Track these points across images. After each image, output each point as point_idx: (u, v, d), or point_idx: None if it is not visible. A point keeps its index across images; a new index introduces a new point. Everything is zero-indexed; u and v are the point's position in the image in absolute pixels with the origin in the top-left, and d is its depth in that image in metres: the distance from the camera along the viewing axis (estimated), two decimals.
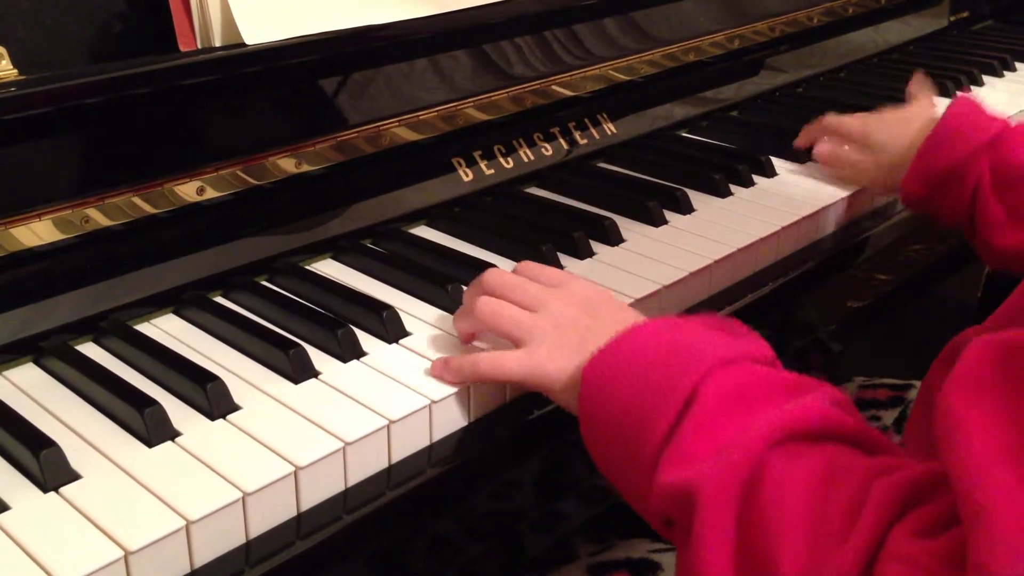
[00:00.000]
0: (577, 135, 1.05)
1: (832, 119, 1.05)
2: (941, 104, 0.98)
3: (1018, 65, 1.44)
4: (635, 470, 0.57)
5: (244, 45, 0.78)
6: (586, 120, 1.07)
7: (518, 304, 0.68)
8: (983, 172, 0.86)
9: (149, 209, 0.75)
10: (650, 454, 0.55)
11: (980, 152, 0.86)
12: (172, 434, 0.62)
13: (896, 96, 1.24)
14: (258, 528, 0.58)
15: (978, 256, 0.92)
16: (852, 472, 0.51)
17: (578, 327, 0.65)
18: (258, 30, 0.78)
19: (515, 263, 0.83)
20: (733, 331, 0.62)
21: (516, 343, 0.67)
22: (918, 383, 0.95)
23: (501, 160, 0.99)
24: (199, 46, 0.78)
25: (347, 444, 0.62)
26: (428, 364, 0.70)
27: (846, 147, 1.01)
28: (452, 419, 0.68)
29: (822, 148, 1.02)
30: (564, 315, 0.66)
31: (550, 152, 1.03)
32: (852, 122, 1.02)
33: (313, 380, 0.68)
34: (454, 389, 0.67)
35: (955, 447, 0.44)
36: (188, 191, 0.77)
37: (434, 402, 0.66)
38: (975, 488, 0.42)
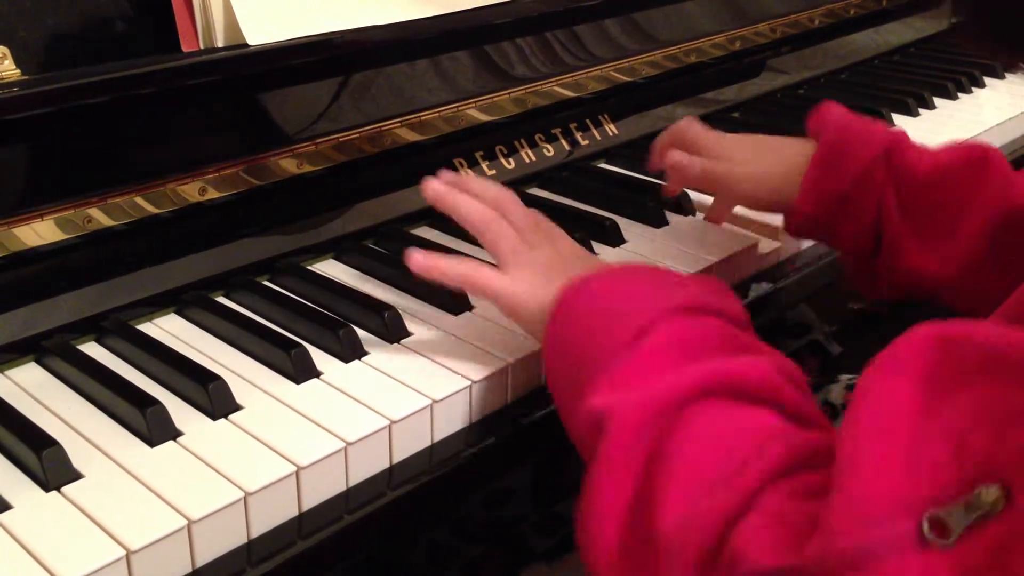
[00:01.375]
0: (578, 136, 1.06)
1: (685, 128, 0.91)
2: None
3: (1020, 67, 1.44)
4: (575, 393, 0.57)
5: (246, 46, 0.78)
6: (587, 121, 1.07)
7: (519, 230, 0.71)
8: (883, 188, 0.78)
9: (151, 209, 0.76)
10: (587, 379, 0.55)
11: (875, 166, 0.78)
12: (174, 434, 0.62)
13: (897, 97, 1.25)
14: (259, 528, 0.59)
15: (862, 289, 0.84)
16: (761, 433, 0.50)
17: (556, 270, 0.67)
18: (260, 31, 0.78)
19: None
20: (709, 286, 0.62)
21: (502, 264, 0.69)
22: None
23: (503, 161, 0.99)
24: (202, 46, 0.79)
25: (348, 444, 0.62)
26: (430, 364, 0.70)
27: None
28: (454, 419, 0.68)
29: (674, 156, 0.87)
30: (547, 258, 0.69)
31: (551, 153, 1.03)
32: (707, 134, 0.90)
33: (315, 380, 0.69)
34: (456, 389, 0.67)
35: (858, 412, 0.43)
36: (190, 191, 0.77)
37: (435, 402, 0.66)
38: (852, 451, 0.42)
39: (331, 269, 0.85)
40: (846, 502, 0.41)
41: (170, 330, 0.76)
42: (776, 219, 0.89)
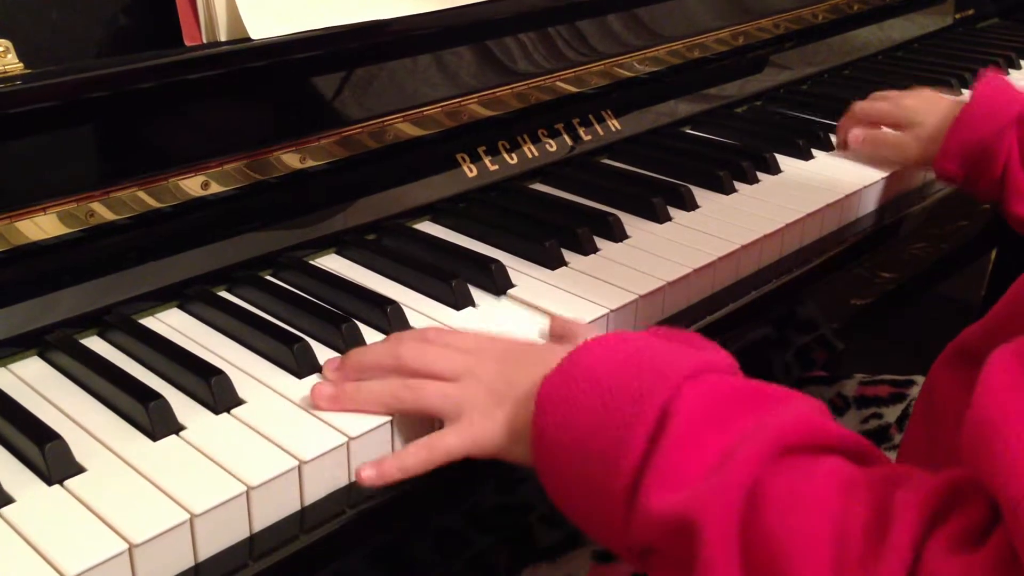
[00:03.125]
0: (581, 131, 1.05)
1: (861, 106, 1.08)
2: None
3: (1023, 63, 1.44)
4: (605, 499, 0.52)
5: (249, 40, 0.78)
6: (590, 116, 1.07)
7: (438, 377, 0.62)
8: (1012, 146, 0.90)
9: (154, 203, 0.76)
10: (624, 480, 0.51)
11: (1008, 127, 0.90)
12: (176, 428, 0.62)
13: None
14: (262, 522, 0.59)
15: (1015, 228, 0.96)
16: (860, 486, 0.48)
17: (508, 381, 0.60)
18: (263, 25, 0.78)
19: (521, 259, 0.84)
20: (692, 343, 0.59)
21: (446, 419, 0.62)
22: (920, 379, 0.95)
23: (505, 156, 0.99)
24: (204, 40, 0.78)
25: (351, 439, 0.62)
26: None
27: (883, 128, 1.05)
28: None
29: (857, 133, 1.05)
30: (488, 376, 0.61)
31: (554, 148, 1.03)
32: (883, 105, 1.05)
33: (317, 374, 0.68)
34: None
35: (991, 449, 0.42)
36: (193, 185, 0.77)
37: None
38: (1011, 482, 0.41)
39: (333, 264, 0.85)
40: None
41: (172, 324, 0.76)
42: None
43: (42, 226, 0.70)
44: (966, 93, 1.31)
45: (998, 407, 0.43)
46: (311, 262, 0.84)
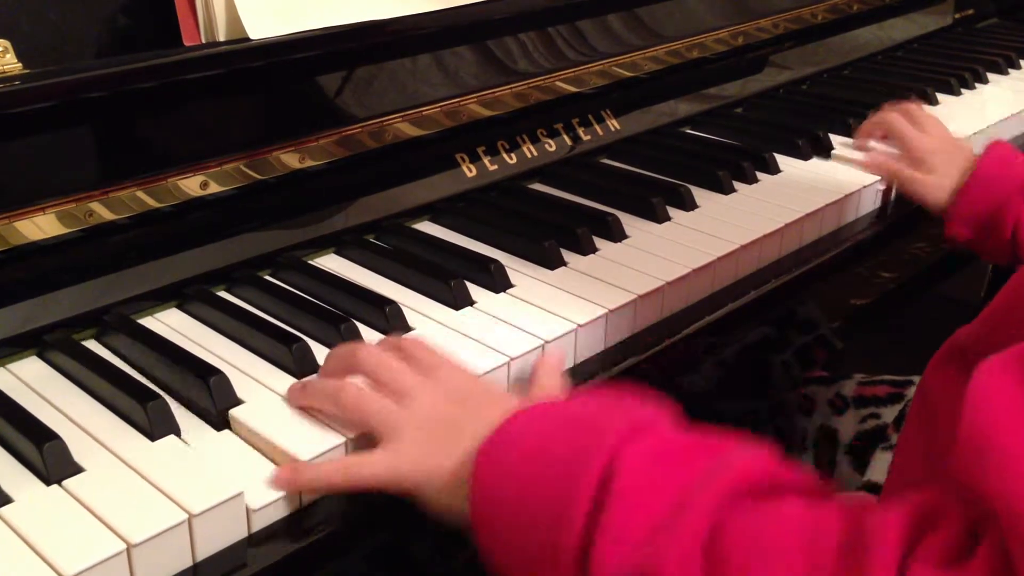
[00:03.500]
0: (580, 131, 1.05)
1: (892, 121, 1.06)
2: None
3: (1023, 63, 1.44)
4: (551, 565, 0.51)
5: (248, 40, 0.78)
6: (590, 116, 1.07)
7: (386, 388, 0.61)
8: (1020, 211, 0.91)
9: (153, 203, 0.76)
10: (571, 543, 0.49)
11: (1014, 194, 0.91)
12: (175, 428, 0.62)
13: (900, 93, 1.24)
14: (261, 521, 0.58)
15: None
16: (823, 517, 0.47)
17: (448, 422, 0.59)
18: (262, 25, 0.78)
19: (520, 259, 0.84)
20: (627, 400, 0.57)
21: (378, 438, 0.60)
22: (919, 379, 0.95)
23: (505, 156, 0.99)
24: (203, 41, 0.78)
25: (350, 439, 0.62)
26: None
27: (899, 160, 1.03)
28: None
29: (878, 159, 1.05)
30: (433, 408, 0.59)
31: (553, 148, 1.03)
32: (912, 135, 1.03)
33: (316, 375, 0.68)
34: None
35: (987, 460, 0.42)
36: (192, 185, 0.77)
37: None
38: (1013, 496, 0.41)
39: (333, 264, 0.85)
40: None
41: (171, 324, 0.76)
42: None
43: (41, 226, 0.71)
44: (966, 94, 1.31)
45: (995, 419, 0.43)
46: (310, 262, 0.84)
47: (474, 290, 0.79)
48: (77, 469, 0.59)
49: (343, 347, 0.66)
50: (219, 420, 0.64)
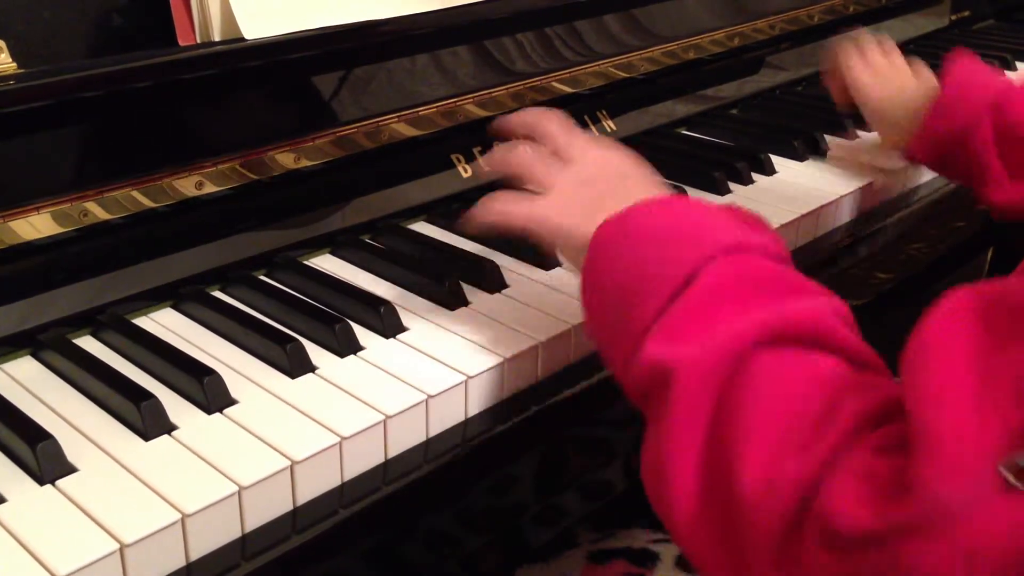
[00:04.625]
0: None
1: (843, 62, 1.05)
2: None
3: (1019, 64, 1.44)
4: (622, 338, 0.56)
5: (243, 40, 0.78)
6: (586, 117, 1.07)
7: (552, 149, 0.70)
8: (986, 131, 0.89)
9: (148, 203, 0.76)
10: (639, 325, 0.55)
11: (983, 114, 0.89)
12: (168, 428, 0.62)
13: None
14: (254, 522, 0.59)
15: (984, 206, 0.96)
16: (830, 384, 0.50)
17: (599, 189, 0.65)
18: (257, 25, 0.78)
19: (515, 260, 0.84)
20: (749, 222, 0.61)
21: (540, 186, 0.68)
22: None
23: None
24: (198, 40, 0.78)
25: (343, 439, 0.62)
26: (425, 360, 0.70)
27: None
28: (449, 414, 0.68)
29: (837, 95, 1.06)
30: (589, 174, 0.67)
31: None
32: (854, 76, 1.04)
33: (310, 375, 0.69)
34: (451, 384, 0.67)
35: (918, 375, 0.45)
36: (187, 185, 0.77)
37: (431, 397, 0.66)
38: (927, 411, 0.43)
39: (328, 264, 0.85)
40: (928, 461, 0.42)
41: (166, 324, 0.76)
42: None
43: (36, 225, 0.70)
44: None
45: (935, 340, 0.46)
46: (305, 262, 0.84)
47: (469, 291, 0.79)
48: (71, 469, 0.59)
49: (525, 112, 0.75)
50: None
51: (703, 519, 0.50)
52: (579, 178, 0.67)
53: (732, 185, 1.01)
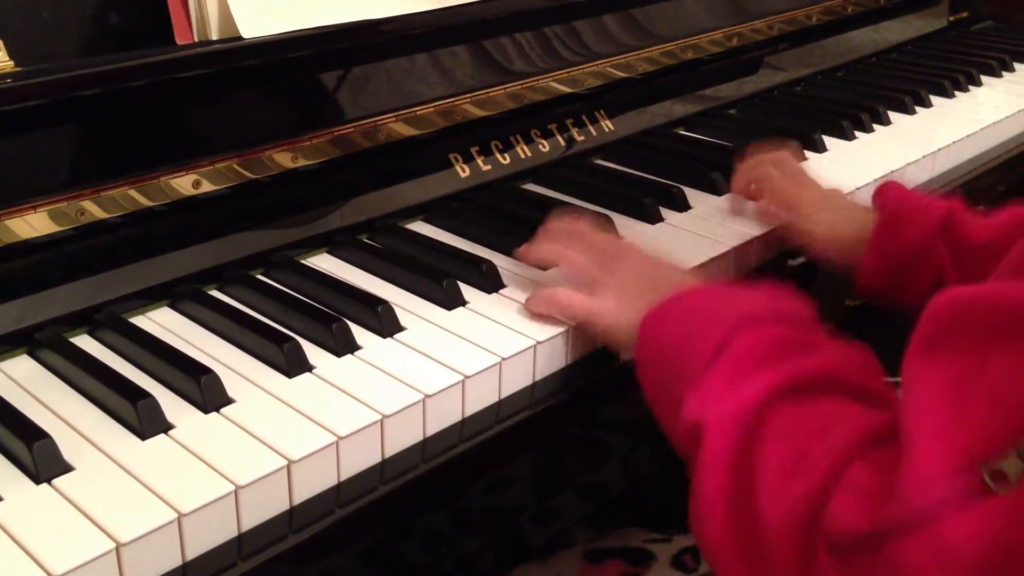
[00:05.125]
0: (575, 132, 1.05)
1: (760, 175, 0.95)
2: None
3: (1016, 66, 1.44)
4: (671, 407, 0.63)
5: (241, 39, 0.78)
6: (584, 117, 1.07)
7: (593, 258, 0.77)
8: (942, 258, 0.83)
9: (145, 202, 0.75)
10: (681, 393, 0.61)
11: (933, 238, 0.84)
12: (165, 427, 0.62)
13: (894, 95, 1.25)
14: (250, 521, 0.59)
15: None
16: (832, 417, 0.55)
17: (641, 289, 0.72)
18: (255, 24, 0.78)
19: (511, 259, 0.84)
20: (775, 295, 0.67)
21: (590, 290, 0.75)
22: None
23: (498, 156, 0.99)
24: (196, 39, 0.78)
25: (340, 438, 0.62)
26: (422, 359, 0.70)
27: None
28: (446, 413, 0.68)
29: (763, 212, 0.93)
30: (630, 279, 0.74)
31: (547, 149, 1.03)
32: (784, 189, 0.93)
33: (307, 374, 0.68)
34: (448, 384, 0.67)
35: (906, 396, 0.49)
36: (184, 184, 0.77)
37: (428, 396, 0.66)
38: (912, 427, 0.47)
39: (325, 263, 0.85)
40: (913, 470, 0.46)
41: (163, 323, 0.75)
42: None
43: (33, 224, 0.70)
44: (960, 96, 1.31)
45: (914, 356, 0.50)
46: (303, 261, 0.84)
47: (466, 290, 0.79)
48: (67, 468, 0.59)
49: (565, 220, 0.82)
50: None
51: (736, 547, 0.55)
52: (625, 281, 0.74)
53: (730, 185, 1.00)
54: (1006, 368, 0.46)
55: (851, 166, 1.06)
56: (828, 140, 1.13)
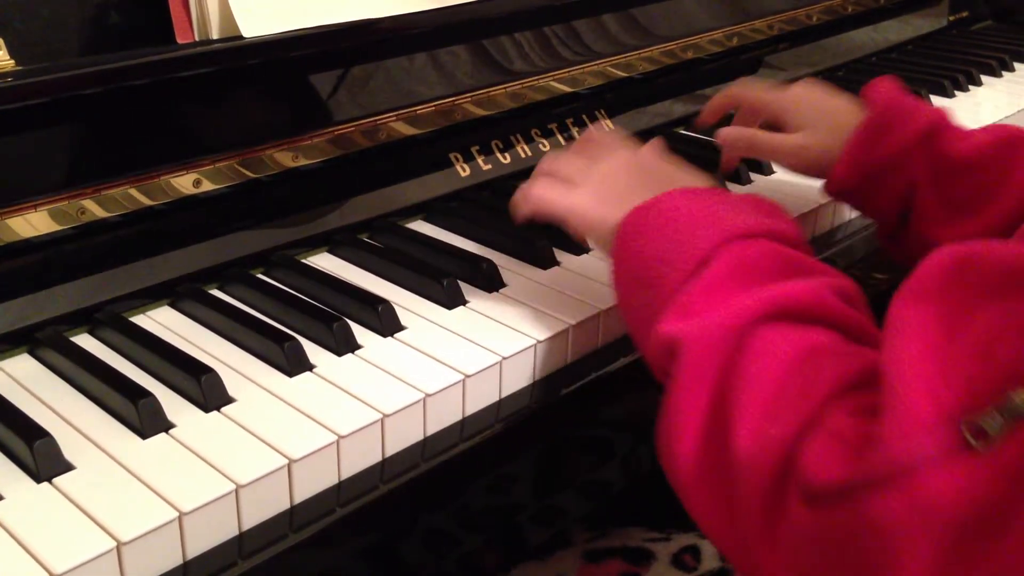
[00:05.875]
0: (575, 131, 1.05)
1: (741, 91, 0.95)
2: None
3: (1017, 65, 1.44)
4: (646, 317, 0.61)
5: (241, 38, 0.78)
6: (584, 116, 1.07)
7: (575, 150, 0.74)
8: (919, 165, 0.81)
9: (145, 201, 0.75)
10: (658, 305, 0.59)
11: (915, 144, 0.81)
12: (166, 426, 0.62)
13: None
14: (251, 520, 0.59)
15: (892, 253, 0.88)
16: (819, 354, 0.53)
17: (627, 183, 0.69)
18: (255, 23, 0.78)
19: (513, 259, 0.84)
20: (764, 209, 0.65)
21: (572, 184, 0.72)
22: None
23: (498, 155, 0.99)
24: (196, 38, 0.78)
25: (341, 437, 0.62)
26: (423, 358, 0.70)
27: (758, 129, 0.91)
28: (447, 413, 0.68)
29: (728, 132, 0.92)
30: (619, 170, 0.71)
31: (547, 148, 1.03)
32: (766, 95, 0.92)
33: (308, 373, 0.68)
34: (448, 383, 0.67)
35: (889, 341, 0.47)
36: (185, 183, 0.77)
37: (428, 396, 0.66)
38: (894, 371, 0.46)
39: (325, 262, 0.85)
40: (892, 419, 0.45)
41: (163, 322, 0.75)
42: None
43: (33, 223, 0.70)
44: (960, 96, 1.31)
45: (905, 303, 0.48)
46: (303, 260, 0.84)
47: (467, 289, 0.79)
48: (68, 467, 0.59)
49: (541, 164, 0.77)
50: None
51: (703, 477, 0.53)
52: (610, 171, 0.71)
53: (730, 185, 1.01)
54: (992, 324, 0.45)
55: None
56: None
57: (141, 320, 0.75)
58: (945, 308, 0.47)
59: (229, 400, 0.65)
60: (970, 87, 1.34)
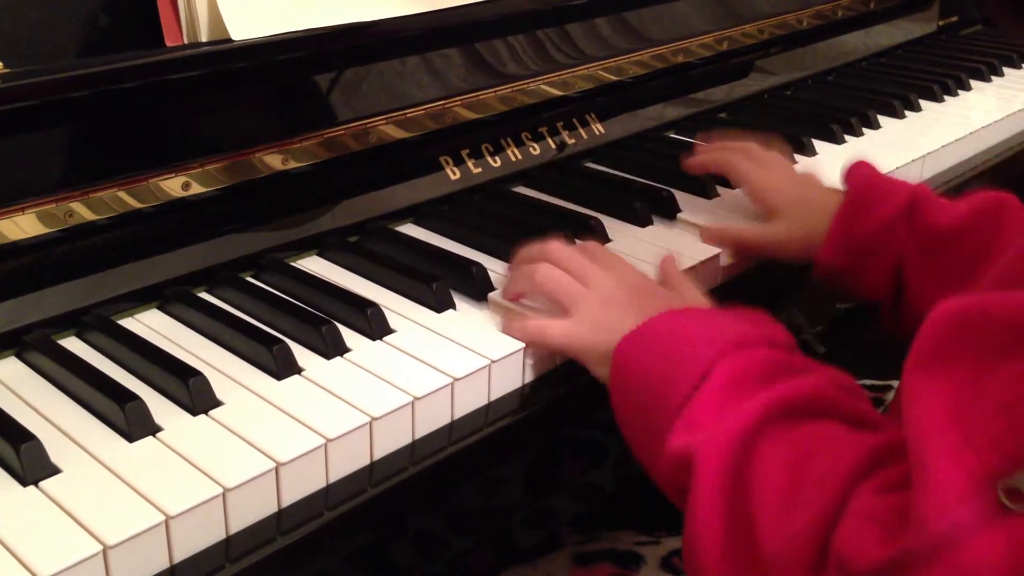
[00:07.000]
0: (565, 135, 1.05)
1: (726, 161, 0.95)
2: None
3: (1006, 70, 1.45)
4: (652, 438, 0.61)
5: (231, 41, 0.78)
6: (574, 120, 1.07)
7: (572, 276, 0.73)
8: (904, 240, 0.82)
9: (134, 204, 0.75)
10: (664, 424, 0.60)
11: (898, 219, 0.82)
12: (153, 429, 0.62)
13: (883, 99, 1.25)
14: (239, 524, 0.58)
15: (890, 330, 0.86)
16: (829, 443, 0.54)
17: (621, 307, 0.70)
18: (245, 26, 0.78)
19: (502, 262, 0.84)
20: (754, 319, 0.66)
21: (564, 311, 0.72)
22: (897, 383, 0.96)
23: (489, 159, 0.99)
24: (185, 41, 0.78)
25: (329, 441, 0.62)
26: (412, 361, 0.70)
27: (742, 227, 0.91)
28: (436, 416, 0.68)
29: (711, 230, 0.90)
30: (612, 294, 0.71)
31: (538, 151, 1.03)
32: (748, 178, 0.93)
33: (296, 376, 0.68)
34: (437, 386, 0.67)
35: (909, 414, 0.48)
36: (173, 186, 0.77)
37: (417, 399, 0.66)
38: (921, 449, 0.46)
39: (315, 266, 0.85)
40: (925, 494, 0.45)
41: (152, 325, 0.75)
42: None
43: (21, 226, 0.70)
44: (949, 100, 1.32)
45: (917, 373, 0.49)
46: (292, 264, 0.84)
47: (456, 293, 0.79)
48: (54, 470, 0.59)
49: (533, 245, 0.77)
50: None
51: None
52: (600, 298, 0.71)
53: (720, 189, 1.01)
54: (1012, 382, 0.45)
55: (840, 170, 1.06)
56: (818, 144, 1.13)
57: (129, 323, 0.75)
58: (957, 370, 0.47)
59: (217, 403, 0.65)
60: (960, 92, 1.35)
